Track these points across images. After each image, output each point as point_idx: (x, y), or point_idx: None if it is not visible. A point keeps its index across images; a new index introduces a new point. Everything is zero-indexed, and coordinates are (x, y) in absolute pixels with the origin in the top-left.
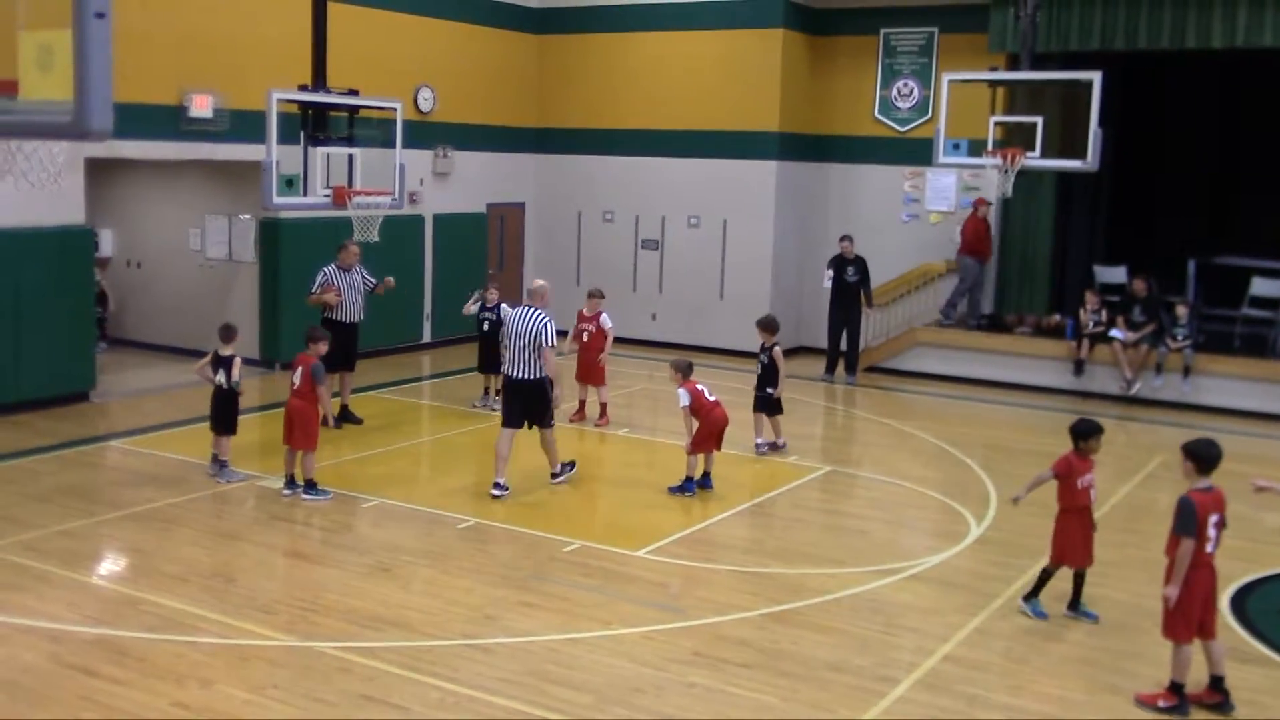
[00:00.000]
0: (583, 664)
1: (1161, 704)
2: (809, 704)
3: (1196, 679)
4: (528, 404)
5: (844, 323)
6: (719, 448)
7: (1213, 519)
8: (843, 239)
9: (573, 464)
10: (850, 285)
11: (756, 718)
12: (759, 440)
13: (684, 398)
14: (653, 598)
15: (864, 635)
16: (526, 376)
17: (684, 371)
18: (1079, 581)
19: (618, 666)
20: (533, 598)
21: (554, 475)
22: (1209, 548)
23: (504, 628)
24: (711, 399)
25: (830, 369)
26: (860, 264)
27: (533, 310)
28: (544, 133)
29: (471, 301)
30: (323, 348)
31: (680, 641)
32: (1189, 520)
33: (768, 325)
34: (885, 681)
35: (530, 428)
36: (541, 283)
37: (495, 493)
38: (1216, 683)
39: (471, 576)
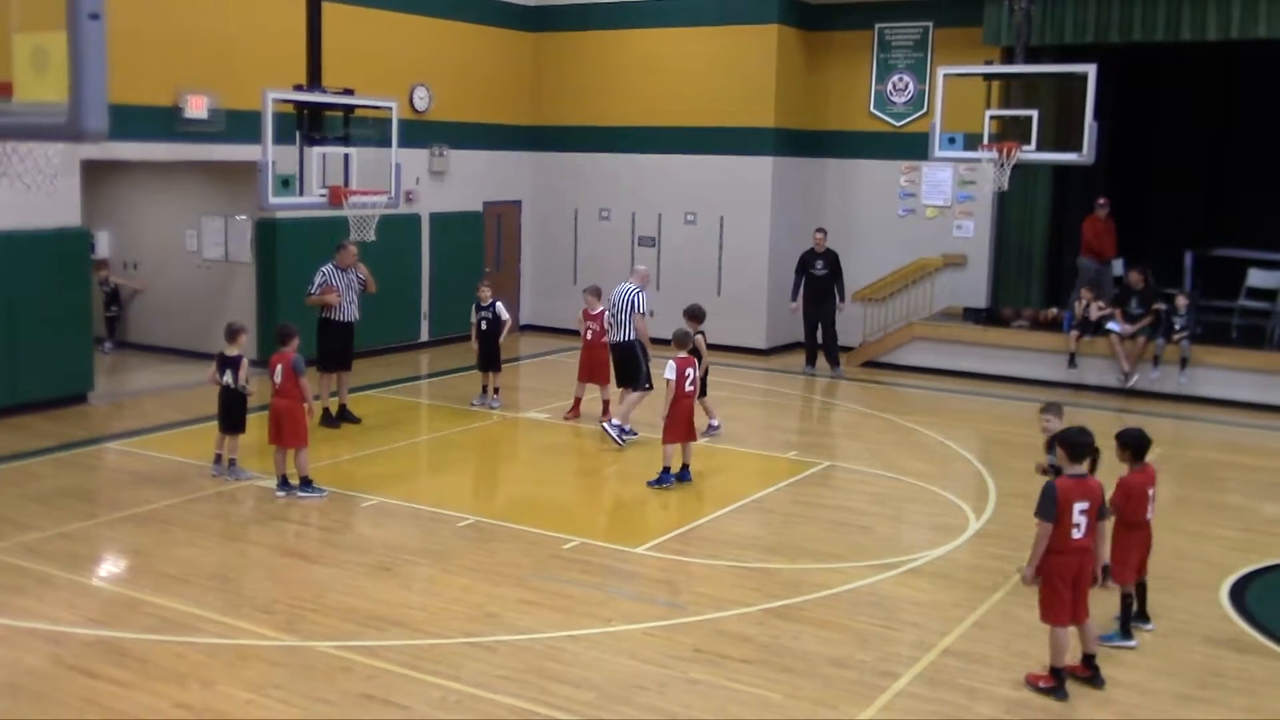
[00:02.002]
0: (584, 661)
1: (1041, 685)
2: (810, 699)
3: (1116, 678)
4: (620, 364)
5: (818, 316)
6: (693, 437)
7: (1080, 506)
8: (816, 231)
9: (634, 432)
10: (819, 279)
11: (758, 713)
12: (714, 423)
13: (670, 370)
14: (653, 594)
15: (864, 630)
16: (620, 339)
17: (680, 342)
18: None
19: (619, 663)
20: (533, 595)
21: (621, 431)
22: (1075, 534)
23: (505, 625)
24: (689, 388)
25: (810, 361)
26: (830, 257)
27: (629, 286)
28: (540, 130)
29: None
30: (296, 343)
31: (681, 638)
32: (1048, 505)
33: (695, 314)
34: (886, 676)
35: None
36: (643, 267)
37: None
38: (1088, 660)
39: (471, 574)
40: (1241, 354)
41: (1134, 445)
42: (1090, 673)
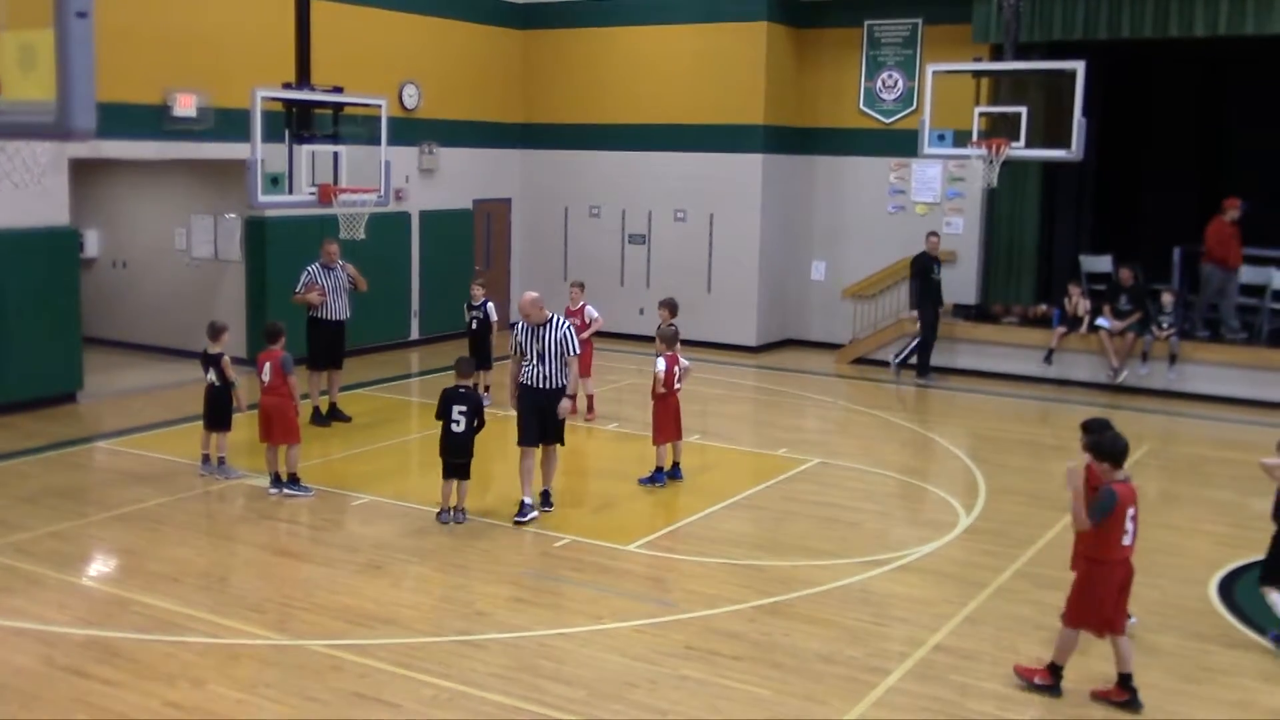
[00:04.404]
0: (575, 659)
1: (1037, 680)
2: (801, 696)
3: (1108, 675)
4: (551, 416)
5: (936, 321)
6: (680, 436)
7: (1130, 512)
8: (931, 235)
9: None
10: (938, 284)
11: (749, 710)
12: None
13: (661, 365)
14: (644, 592)
15: (855, 626)
16: (549, 387)
17: (668, 341)
18: None
19: (610, 661)
20: (524, 593)
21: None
22: (1125, 540)
23: (496, 623)
24: (676, 386)
25: (928, 370)
26: (940, 261)
27: (562, 321)
28: (529, 128)
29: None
30: (284, 341)
31: (672, 635)
32: (1106, 509)
33: (675, 307)
34: (877, 672)
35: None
36: (532, 294)
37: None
38: (1125, 680)
39: (462, 573)
40: (1230, 349)
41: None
42: (1128, 695)
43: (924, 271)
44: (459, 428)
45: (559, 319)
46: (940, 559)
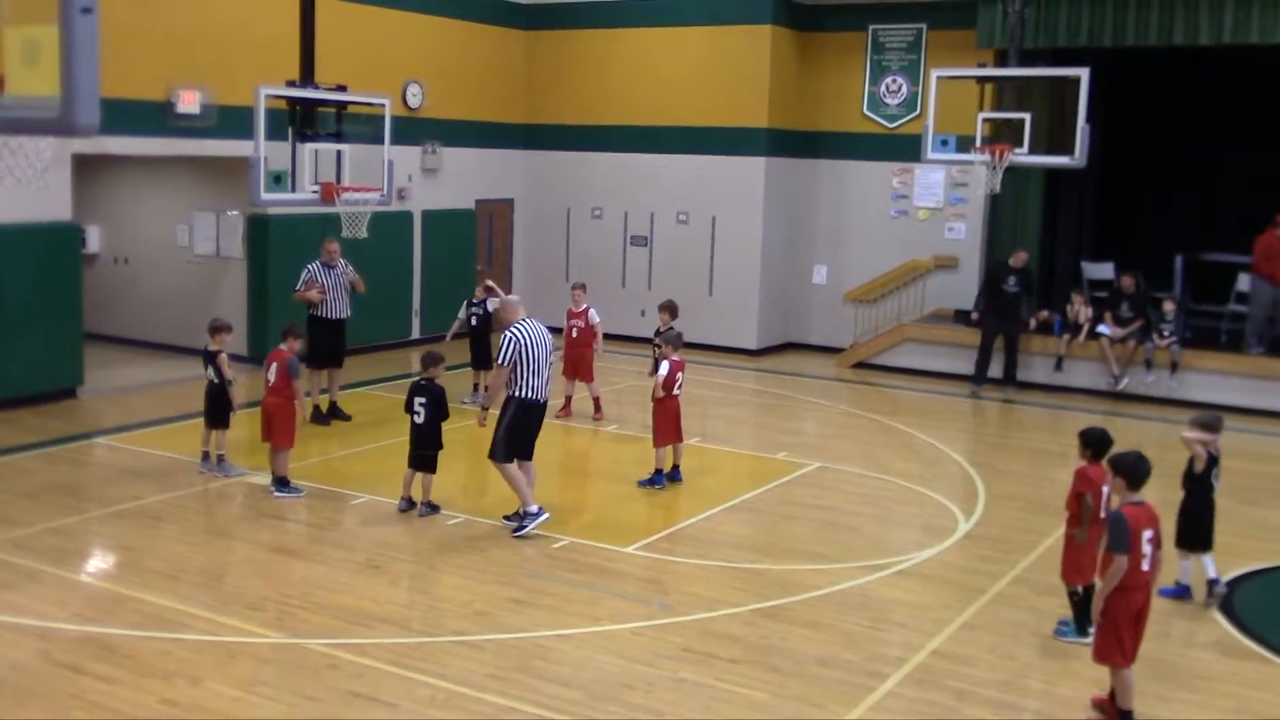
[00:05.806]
0: (572, 660)
1: None
2: (798, 699)
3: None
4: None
5: (999, 333)
6: (681, 439)
7: (1147, 534)
8: (1020, 250)
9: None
10: (1010, 295)
11: (745, 713)
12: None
13: (664, 368)
14: (642, 594)
15: (853, 631)
16: (541, 399)
17: (675, 345)
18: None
19: (607, 662)
20: (522, 594)
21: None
22: (1144, 566)
23: (493, 624)
24: (676, 392)
25: (980, 379)
26: (1025, 275)
27: (542, 327)
28: (533, 129)
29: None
30: (296, 344)
31: (670, 637)
32: (1122, 537)
33: (675, 310)
34: (874, 677)
35: None
36: (514, 297)
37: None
38: (1115, 696)
39: (461, 573)
40: (1230, 358)
41: (1096, 444)
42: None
43: (993, 281)
44: (420, 419)
45: (512, 326)
46: (939, 564)
